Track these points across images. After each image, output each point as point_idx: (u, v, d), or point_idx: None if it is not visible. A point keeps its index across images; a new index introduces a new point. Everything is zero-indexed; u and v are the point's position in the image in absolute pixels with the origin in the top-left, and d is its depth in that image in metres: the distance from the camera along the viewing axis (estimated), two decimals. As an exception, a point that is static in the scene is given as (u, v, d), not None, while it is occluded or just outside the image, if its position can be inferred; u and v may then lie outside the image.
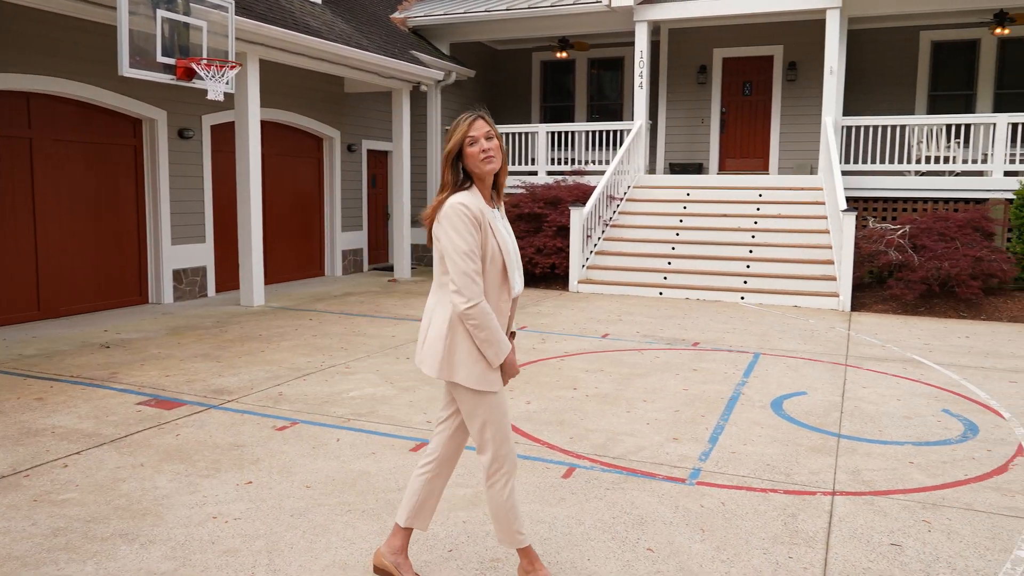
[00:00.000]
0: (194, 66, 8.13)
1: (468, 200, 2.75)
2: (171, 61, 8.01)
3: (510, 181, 14.23)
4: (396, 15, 14.68)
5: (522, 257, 11.62)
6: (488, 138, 2.76)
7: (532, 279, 12.12)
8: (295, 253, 12.51)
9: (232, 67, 8.48)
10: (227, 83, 8.52)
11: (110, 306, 9.49)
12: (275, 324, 8.63)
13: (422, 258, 14.91)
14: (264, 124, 11.53)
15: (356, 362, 6.86)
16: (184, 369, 6.53)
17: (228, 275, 11.04)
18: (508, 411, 2.93)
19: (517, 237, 11.98)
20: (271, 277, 11.93)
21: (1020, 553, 3.47)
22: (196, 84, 8.29)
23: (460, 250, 2.70)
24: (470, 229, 2.71)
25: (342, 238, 13.29)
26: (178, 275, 10.14)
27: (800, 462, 4.54)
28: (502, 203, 2.96)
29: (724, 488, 4.14)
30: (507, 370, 2.89)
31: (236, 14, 8.75)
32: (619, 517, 3.77)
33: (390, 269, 13.99)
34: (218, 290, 10.89)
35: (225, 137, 10.90)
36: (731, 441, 4.89)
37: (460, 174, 2.80)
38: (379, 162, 14.46)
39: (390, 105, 13.74)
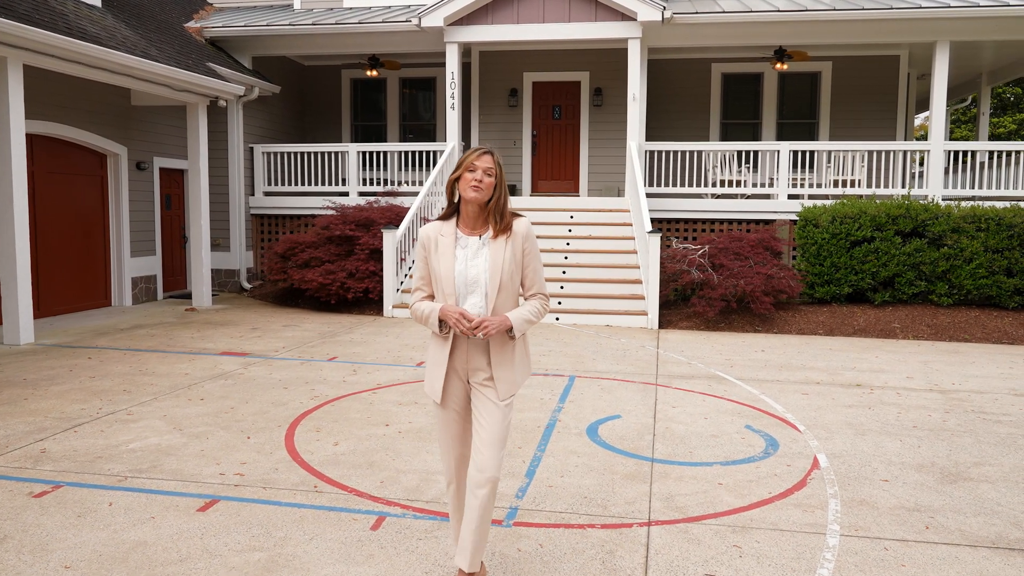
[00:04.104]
0: (-63, 70, 7.01)
1: (430, 226, 3.15)
2: (-93, 63, 6.86)
3: (318, 202, 13.67)
4: (191, 24, 13.69)
5: (333, 282, 11.13)
6: (488, 174, 3.00)
7: (346, 304, 11.62)
8: (75, 282, 11.22)
9: (-13, 73, 7.41)
10: (-19, 91, 7.44)
11: None
12: (45, 365, 7.60)
13: (225, 284, 13.94)
14: (34, 138, 10.27)
15: (140, 407, 6.12)
16: (-79, 426, 5.52)
17: (-9, 309, 9.67)
18: (447, 427, 3.21)
19: (327, 261, 11.46)
20: (45, 309, 10.61)
21: (822, 572, 3.54)
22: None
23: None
24: (419, 251, 3.16)
25: (131, 264, 12.11)
26: (-75, 311, 8.73)
27: (616, 491, 4.47)
28: (501, 234, 3.08)
29: (542, 527, 3.96)
30: (450, 321, 3.00)
31: (-7, 13, 7.69)
32: (431, 571, 3.47)
33: (189, 297, 12.94)
34: (-22, 326, 9.51)
35: (-15, 152, 9.57)
36: (548, 474, 4.75)
37: (454, 198, 3.10)
38: (174, 181, 13.37)
39: (186, 120, 12.75)
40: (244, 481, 4.53)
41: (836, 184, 13.04)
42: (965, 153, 17.14)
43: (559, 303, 10.99)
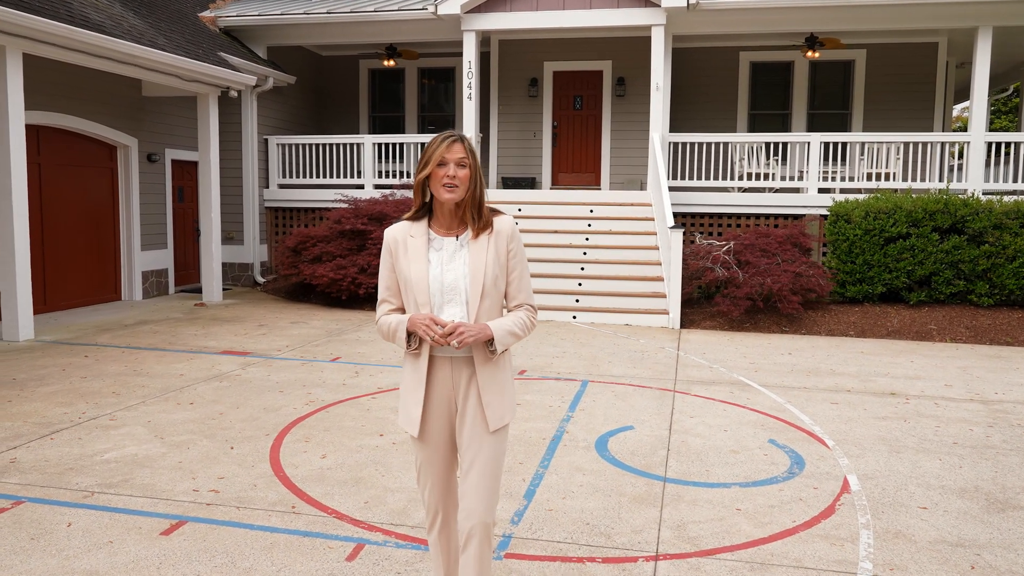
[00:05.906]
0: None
1: (396, 228, 2.73)
2: None
3: (330, 195, 13.37)
4: (206, 13, 13.42)
5: (344, 277, 10.80)
6: (460, 166, 2.58)
7: (357, 300, 11.30)
8: (84, 276, 11.01)
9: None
10: (-26, 80, 7.18)
11: None
12: (39, 364, 7.34)
13: (238, 278, 13.69)
14: (40, 129, 10.06)
15: (125, 411, 5.81)
16: None
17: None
18: (429, 467, 2.73)
19: (338, 256, 11.13)
20: (52, 304, 10.41)
21: (853, 620, 3.11)
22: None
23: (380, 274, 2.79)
24: (384, 256, 2.74)
25: (142, 258, 11.88)
26: (-75, 306, 8.54)
27: (623, 517, 4.06)
28: (481, 232, 2.66)
29: (536, 560, 3.57)
30: (418, 331, 2.56)
31: (-13, -1, 7.43)
32: (407, 613, 3.10)
33: (201, 291, 12.69)
34: (-19, 322, 9.31)
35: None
36: (549, 494, 4.35)
37: (425, 197, 2.70)
38: (187, 173, 13.13)
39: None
40: (218, 499, 4.19)
41: (869, 177, 12.45)
42: (1008, 145, 16.36)
43: (576, 300, 10.56)
